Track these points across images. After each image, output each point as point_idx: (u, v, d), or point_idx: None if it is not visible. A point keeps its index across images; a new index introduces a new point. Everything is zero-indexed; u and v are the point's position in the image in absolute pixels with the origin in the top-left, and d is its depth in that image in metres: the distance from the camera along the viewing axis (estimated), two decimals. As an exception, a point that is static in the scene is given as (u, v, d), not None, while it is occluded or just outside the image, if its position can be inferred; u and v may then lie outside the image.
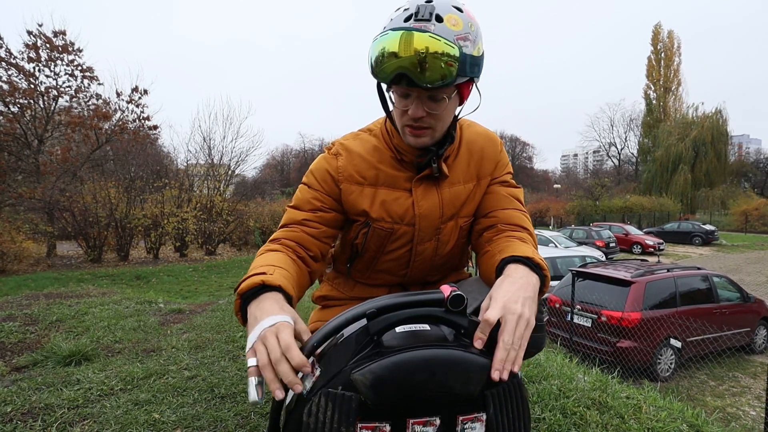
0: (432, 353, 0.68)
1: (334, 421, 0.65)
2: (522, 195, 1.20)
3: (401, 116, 1.01)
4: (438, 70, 0.88)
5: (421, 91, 0.94)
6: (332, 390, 0.66)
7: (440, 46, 0.87)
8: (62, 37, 14.70)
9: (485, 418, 0.70)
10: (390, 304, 0.74)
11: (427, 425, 0.67)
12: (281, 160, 50.27)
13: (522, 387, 0.74)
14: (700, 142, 33.96)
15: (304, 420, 0.66)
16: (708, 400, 5.19)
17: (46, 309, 3.51)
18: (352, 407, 0.65)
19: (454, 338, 0.75)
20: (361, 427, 0.66)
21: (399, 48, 0.87)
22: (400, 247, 1.13)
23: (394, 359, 0.67)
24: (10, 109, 13.96)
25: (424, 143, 1.03)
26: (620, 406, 1.82)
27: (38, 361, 2.37)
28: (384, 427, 0.66)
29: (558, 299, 6.70)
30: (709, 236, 22.38)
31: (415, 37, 0.87)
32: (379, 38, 0.91)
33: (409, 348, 0.69)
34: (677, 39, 41.01)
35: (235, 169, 19.25)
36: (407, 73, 0.88)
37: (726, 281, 7.08)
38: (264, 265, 0.92)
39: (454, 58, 0.89)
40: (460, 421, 0.69)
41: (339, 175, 1.10)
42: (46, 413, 1.69)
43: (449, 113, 1.02)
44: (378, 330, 0.72)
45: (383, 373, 0.66)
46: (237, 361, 2.37)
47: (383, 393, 0.65)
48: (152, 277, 11.66)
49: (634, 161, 48.62)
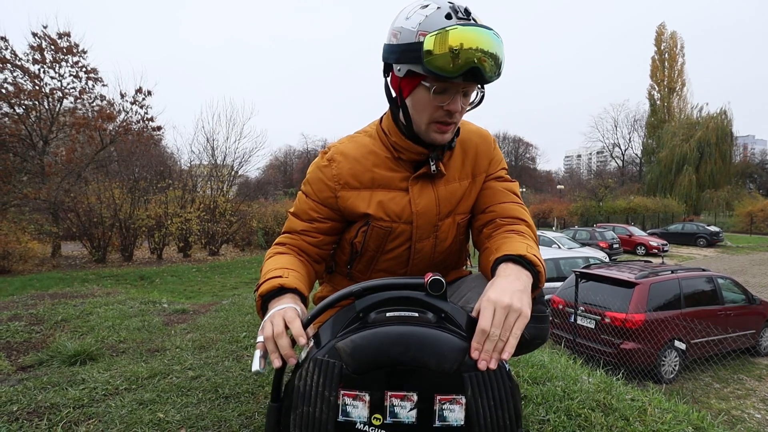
0: (407, 329, 0.74)
1: (320, 385, 0.72)
2: (518, 188, 1.22)
3: (434, 112, 1.01)
4: (496, 69, 0.94)
5: (459, 86, 0.97)
6: (320, 357, 0.73)
7: (500, 46, 0.94)
8: (67, 38, 14.80)
9: (464, 401, 0.71)
10: (374, 285, 0.82)
11: (405, 399, 0.71)
12: (284, 161, 50.41)
13: (509, 377, 0.75)
14: (704, 143, 33.81)
15: (296, 383, 0.74)
16: (713, 402, 5.16)
17: (51, 309, 3.53)
18: (335, 373, 0.71)
19: (436, 321, 0.79)
20: (344, 394, 0.71)
21: (480, 44, 0.90)
22: (399, 245, 1.15)
23: (373, 331, 0.74)
24: (16, 111, 14.05)
25: (447, 139, 1.06)
26: (625, 408, 1.82)
27: (44, 360, 2.39)
28: (364, 396, 0.71)
29: (561, 300, 6.68)
30: (714, 237, 22.27)
31: (488, 35, 0.91)
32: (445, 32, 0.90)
33: (390, 324, 0.75)
34: (681, 39, 40.93)
35: (239, 170, 19.32)
36: (482, 67, 0.91)
37: (731, 283, 7.05)
38: (279, 268, 1.00)
39: (504, 55, 0.95)
40: (438, 401, 0.71)
41: (335, 184, 1.11)
42: (51, 412, 1.69)
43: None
44: (363, 308, 0.80)
45: (362, 342, 0.72)
46: (241, 361, 2.37)
47: (361, 361, 0.71)
48: (156, 277, 11.70)
49: (638, 162, 48.46)
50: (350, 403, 0.71)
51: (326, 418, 0.71)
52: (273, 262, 1.05)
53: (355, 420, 0.71)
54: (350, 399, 0.71)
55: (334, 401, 0.71)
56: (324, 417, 0.71)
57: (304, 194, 1.15)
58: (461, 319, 0.79)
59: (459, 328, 0.78)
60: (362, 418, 0.71)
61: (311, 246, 1.14)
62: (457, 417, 0.71)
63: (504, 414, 0.73)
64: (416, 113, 1.03)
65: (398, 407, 0.71)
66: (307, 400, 0.72)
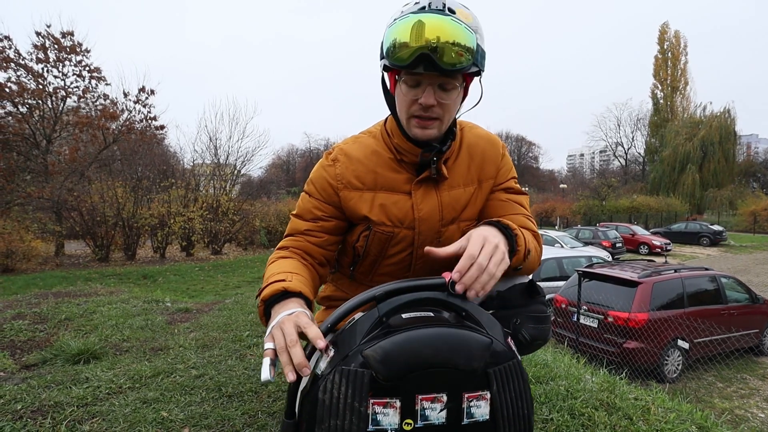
0: (437, 331, 0.73)
1: (348, 396, 0.69)
2: (527, 201, 1.19)
3: (410, 106, 1.00)
4: (456, 55, 0.90)
5: (434, 78, 0.95)
6: (345, 367, 0.71)
7: (460, 30, 0.90)
8: (70, 37, 14.84)
9: (489, 396, 0.73)
10: (397, 288, 0.81)
11: (435, 401, 0.71)
12: (287, 160, 50.45)
13: (522, 368, 0.77)
14: (708, 142, 33.68)
15: (320, 397, 0.70)
16: (716, 401, 5.14)
17: (55, 307, 3.54)
18: (364, 382, 0.69)
19: (455, 321, 0.79)
20: (373, 403, 0.70)
21: (420, 31, 0.89)
22: (401, 251, 1.13)
23: (403, 336, 0.72)
24: (19, 110, 14.10)
25: (431, 135, 1.03)
26: (628, 407, 1.81)
27: (47, 359, 2.40)
28: (394, 402, 0.70)
29: (564, 300, 6.67)
30: (717, 237, 22.19)
31: (437, 20, 0.89)
32: (396, 22, 0.92)
33: (416, 327, 0.74)
34: (684, 38, 40.75)
35: (241, 169, 19.34)
36: (430, 54, 0.89)
37: (734, 282, 7.02)
38: (282, 272, 0.96)
39: (472, 44, 0.91)
40: (465, 399, 0.72)
41: (338, 183, 1.10)
42: (55, 411, 1.70)
43: (455, 105, 1.02)
44: (386, 312, 0.78)
45: (392, 348, 0.71)
46: (244, 360, 2.37)
47: (392, 367, 0.70)
48: (159, 276, 11.74)
49: (641, 161, 48.30)
50: (380, 411, 0.70)
51: (356, 429, 0.69)
52: (275, 266, 1.02)
53: (386, 428, 0.70)
54: (380, 407, 0.70)
55: (364, 411, 0.69)
56: (354, 429, 0.69)
57: (308, 194, 1.14)
58: (480, 316, 0.80)
59: (478, 325, 0.78)
60: (393, 425, 0.70)
61: (315, 247, 1.11)
62: (483, 412, 0.72)
63: (522, 404, 0.75)
64: (399, 109, 1.04)
65: (429, 409, 0.71)
66: (334, 414, 0.69)
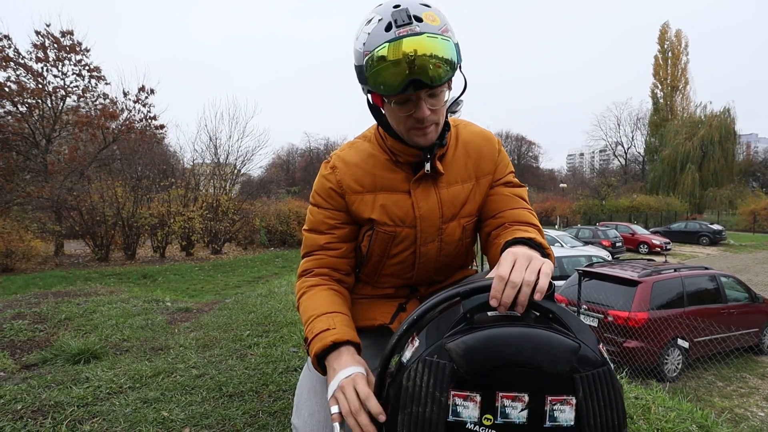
0: (521, 330, 0.73)
1: (429, 385, 0.72)
2: (526, 193, 1.20)
3: (405, 121, 1.00)
4: (442, 66, 0.89)
5: (422, 91, 0.94)
6: (429, 358, 0.73)
7: (438, 42, 0.88)
8: (70, 37, 14.83)
9: (575, 402, 0.71)
10: (482, 285, 0.82)
11: (516, 400, 0.71)
12: (287, 159, 50.37)
13: (614, 377, 0.75)
14: (707, 142, 33.68)
15: (404, 384, 0.74)
16: (716, 400, 5.15)
17: (55, 307, 3.54)
18: (445, 374, 0.72)
19: (542, 322, 0.79)
20: (454, 395, 0.71)
21: (400, 57, 0.87)
22: (404, 250, 1.14)
23: (486, 332, 0.73)
24: (19, 109, 14.10)
25: (431, 140, 1.04)
26: (629, 406, 1.81)
27: (48, 359, 2.40)
28: (475, 396, 0.71)
29: (564, 299, 6.67)
30: (717, 236, 22.21)
31: (412, 42, 0.87)
32: (371, 54, 0.90)
33: (500, 325, 0.75)
34: (684, 38, 40.72)
35: (241, 169, 19.32)
36: (419, 78, 0.88)
37: (734, 281, 7.02)
38: (321, 315, 1.00)
39: (450, 52, 0.90)
40: (549, 402, 0.71)
41: (340, 188, 1.11)
42: (55, 411, 1.70)
43: (445, 105, 1.03)
44: (470, 308, 0.80)
45: (475, 343, 0.72)
46: (245, 359, 2.38)
47: (473, 362, 0.71)
48: (159, 275, 11.73)
49: (640, 160, 48.32)
50: (461, 404, 0.71)
51: (437, 418, 0.71)
52: (312, 303, 1.05)
53: (466, 420, 0.71)
54: (461, 399, 0.71)
55: (444, 401, 0.71)
56: (435, 417, 0.71)
57: (316, 206, 1.14)
58: (569, 320, 0.79)
59: (566, 328, 0.77)
60: (473, 418, 0.71)
61: (338, 259, 1.13)
62: (568, 417, 0.71)
63: (613, 414, 0.73)
64: (393, 124, 1.04)
65: (509, 408, 0.71)
66: (416, 400, 0.72)
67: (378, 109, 1.06)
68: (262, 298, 4.24)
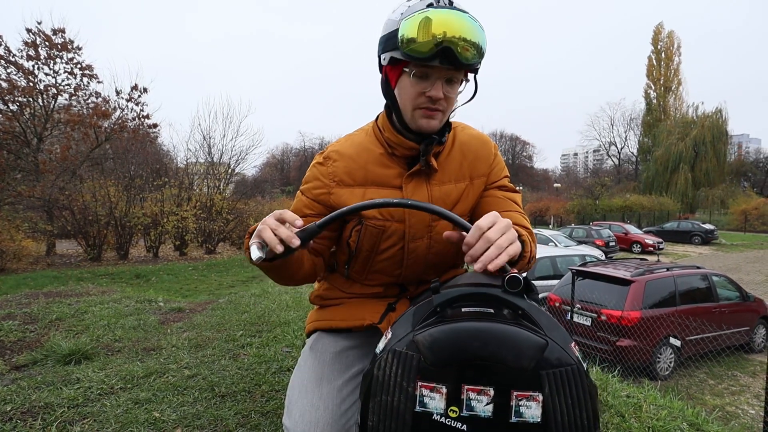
0: (488, 325, 0.75)
1: (398, 375, 0.74)
2: (520, 199, 1.21)
3: (416, 98, 1.02)
4: (474, 51, 0.94)
5: (443, 72, 0.98)
6: (398, 349, 0.76)
7: (476, 28, 0.94)
8: (61, 35, 14.68)
9: (541, 398, 0.72)
10: (392, 202, 0.87)
11: (481, 394, 0.72)
12: (281, 159, 50.28)
13: (586, 376, 0.75)
14: (700, 142, 33.97)
15: (374, 373, 0.77)
16: (707, 398, 5.19)
17: (46, 308, 3.51)
18: (413, 365, 0.74)
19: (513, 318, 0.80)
20: (421, 385, 0.73)
21: (451, 25, 0.91)
22: (393, 245, 1.14)
23: (453, 326, 0.76)
24: (9, 108, 13.94)
25: (435, 126, 1.06)
26: (621, 404, 1.82)
27: (38, 359, 2.37)
28: (441, 388, 0.73)
29: (558, 298, 6.70)
30: (709, 235, 22.40)
31: (456, 16, 0.92)
32: (412, 16, 0.94)
33: (468, 319, 0.77)
34: (677, 39, 41.07)
35: (235, 168, 19.26)
36: (453, 48, 0.92)
37: (725, 280, 7.09)
38: None
39: (483, 42, 0.96)
40: (514, 397, 0.72)
41: (330, 181, 1.12)
42: (46, 412, 1.68)
43: (455, 98, 1.06)
44: (440, 303, 0.83)
45: (441, 336, 0.74)
46: (237, 360, 2.36)
47: (439, 354, 0.73)
48: (152, 275, 11.65)
49: (634, 160, 48.63)
50: (428, 395, 0.73)
51: (404, 407, 0.73)
52: None
53: (432, 411, 0.73)
54: (428, 390, 0.73)
55: (412, 392, 0.73)
56: (402, 407, 0.73)
57: (302, 192, 1.17)
58: (539, 317, 0.80)
59: (536, 325, 0.78)
60: (439, 409, 0.73)
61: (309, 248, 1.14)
62: (534, 414, 0.72)
63: (582, 413, 0.73)
64: (402, 101, 1.05)
65: (474, 401, 0.72)
66: (386, 390, 0.75)
67: (390, 90, 1.07)
68: (255, 298, 4.23)
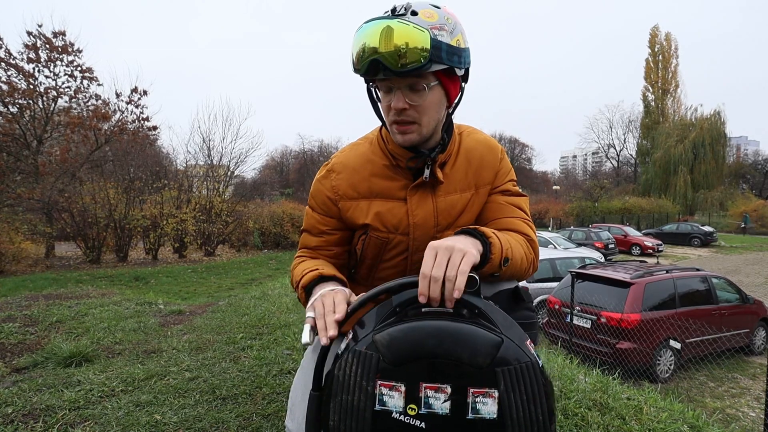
0: (442, 323, 0.77)
1: (358, 375, 0.76)
2: (526, 203, 1.17)
3: (387, 113, 1.02)
4: (411, 55, 0.90)
5: (401, 81, 0.96)
6: (358, 349, 0.77)
7: (410, 30, 0.90)
8: (62, 37, 14.71)
9: (497, 395, 0.73)
10: (411, 281, 0.86)
11: (439, 391, 0.73)
12: (280, 161, 50.16)
13: (542, 373, 0.77)
14: (698, 144, 34.01)
15: (335, 373, 0.78)
16: (707, 401, 5.19)
17: (46, 310, 3.51)
18: (372, 364, 0.75)
19: (470, 317, 0.82)
20: (380, 384, 0.75)
21: (371, 38, 0.91)
22: (397, 255, 1.14)
23: (410, 324, 0.77)
24: (9, 110, 13.96)
25: (412, 140, 1.03)
26: (621, 407, 1.83)
27: (39, 362, 2.37)
28: (400, 386, 0.74)
29: (557, 301, 6.70)
30: (708, 237, 22.42)
31: (387, 25, 0.90)
32: (355, 34, 0.95)
33: (425, 318, 0.79)
34: (675, 41, 41.13)
35: (235, 170, 19.27)
36: (381, 60, 0.90)
37: (725, 282, 7.09)
38: (312, 266, 1.05)
39: (426, 42, 0.91)
40: (471, 394, 0.73)
41: (335, 195, 1.12)
42: (47, 414, 1.68)
43: (432, 106, 1.01)
44: (399, 303, 0.84)
45: (398, 335, 0.76)
46: (238, 362, 2.36)
47: (397, 353, 0.75)
48: (151, 278, 11.65)
49: (633, 163, 48.69)
50: (387, 393, 0.74)
51: (364, 406, 0.74)
52: (303, 265, 1.09)
53: (392, 409, 0.74)
54: (387, 389, 0.74)
55: (371, 391, 0.75)
56: (362, 405, 0.75)
57: (311, 208, 1.17)
58: (495, 315, 0.82)
59: (492, 323, 0.80)
60: (398, 407, 0.74)
61: (330, 259, 1.16)
62: (490, 410, 0.73)
63: (537, 409, 0.74)
64: (384, 117, 1.06)
65: (432, 398, 0.73)
66: (346, 389, 0.76)
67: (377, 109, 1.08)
68: (255, 301, 4.23)
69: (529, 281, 8.43)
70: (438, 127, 1.07)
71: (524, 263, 1.04)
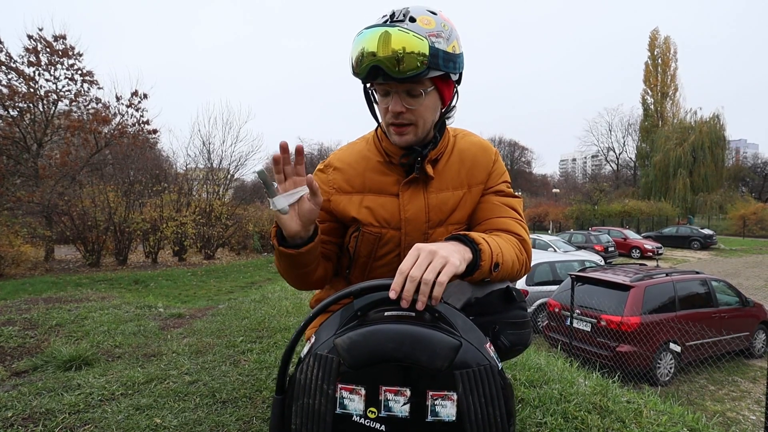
0: (401, 327, 0.77)
1: (319, 378, 0.76)
2: (520, 205, 1.20)
3: (385, 115, 1.06)
4: (410, 62, 0.93)
5: (398, 86, 0.99)
6: (319, 352, 0.78)
7: (409, 38, 0.93)
8: (62, 41, 14.75)
9: (456, 397, 0.74)
10: (372, 285, 0.87)
11: (398, 395, 0.74)
12: (280, 164, 50.21)
13: (501, 375, 0.78)
14: (698, 147, 34.08)
15: (297, 377, 0.79)
16: (708, 404, 5.19)
17: (46, 313, 3.50)
18: (332, 368, 0.76)
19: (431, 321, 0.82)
20: (341, 388, 0.75)
21: (371, 44, 0.93)
22: (390, 251, 1.16)
23: (369, 328, 0.78)
24: (10, 113, 13.97)
25: (408, 141, 1.07)
26: (621, 410, 1.83)
27: (38, 365, 2.37)
28: (360, 390, 0.75)
29: (557, 304, 6.70)
30: (708, 240, 22.42)
31: (386, 31, 0.93)
32: (355, 39, 0.97)
33: (385, 322, 0.79)
34: (674, 44, 41.28)
35: (235, 173, 19.26)
36: (381, 66, 0.93)
37: (725, 285, 7.09)
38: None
39: (424, 50, 0.94)
40: (430, 396, 0.74)
41: (329, 188, 1.15)
42: (47, 418, 1.68)
43: (428, 110, 1.05)
44: (361, 306, 0.85)
45: (358, 339, 0.76)
46: (238, 365, 2.36)
47: (357, 356, 0.75)
48: (151, 281, 11.64)
49: (632, 166, 48.77)
50: (347, 397, 0.75)
51: (325, 410, 0.75)
52: None
53: (352, 412, 0.75)
54: (347, 392, 0.75)
55: (332, 394, 0.75)
56: (323, 409, 0.75)
57: None
58: (455, 319, 0.82)
59: (452, 327, 0.80)
60: (358, 411, 0.74)
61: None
62: (449, 413, 0.74)
63: (495, 411, 0.75)
64: (381, 119, 1.10)
65: (392, 401, 0.74)
66: (307, 393, 0.76)
67: (373, 110, 1.11)
68: (255, 304, 4.22)
69: (528, 284, 8.43)
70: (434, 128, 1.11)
71: (516, 266, 1.05)
